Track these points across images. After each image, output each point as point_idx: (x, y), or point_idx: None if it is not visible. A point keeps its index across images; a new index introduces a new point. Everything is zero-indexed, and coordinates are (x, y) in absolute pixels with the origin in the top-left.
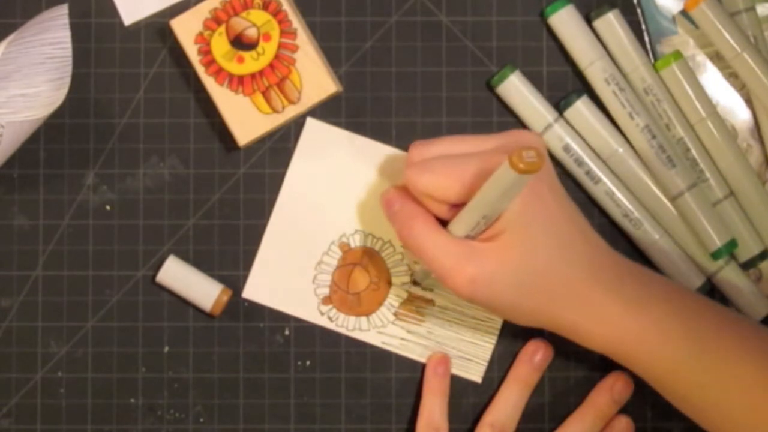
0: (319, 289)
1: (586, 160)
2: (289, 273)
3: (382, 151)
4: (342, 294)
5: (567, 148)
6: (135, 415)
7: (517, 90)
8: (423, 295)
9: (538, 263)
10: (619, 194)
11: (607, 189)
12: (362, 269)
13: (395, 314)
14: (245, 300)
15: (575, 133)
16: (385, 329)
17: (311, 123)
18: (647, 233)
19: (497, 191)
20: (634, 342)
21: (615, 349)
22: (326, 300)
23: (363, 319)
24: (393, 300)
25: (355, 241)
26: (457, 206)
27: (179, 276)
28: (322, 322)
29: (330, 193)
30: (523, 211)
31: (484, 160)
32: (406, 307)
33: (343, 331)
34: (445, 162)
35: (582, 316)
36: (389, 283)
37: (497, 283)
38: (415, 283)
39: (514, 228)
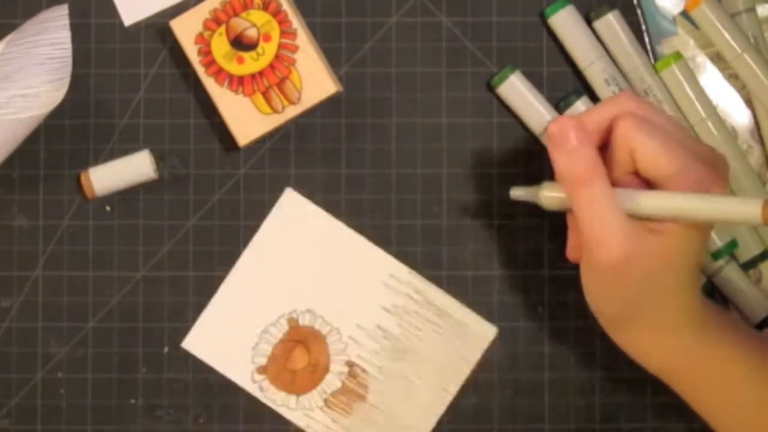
0: (257, 357)
1: None
2: (233, 334)
3: (355, 239)
4: (278, 368)
5: None
6: (135, 416)
7: (517, 90)
8: (356, 389)
9: (678, 280)
10: None
11: None
12: (304, 349)
13: (325, 401)
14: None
15: None
16: (312, 413)
17: (289, 194)
18: None
19: (726, 216)
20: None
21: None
22: (261, 370)
23: (293, 397)
24: (326, 386)
25: (305, 320)
26: (636, 177)
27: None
28: (253, 390)
29: (292, 266)
30: (694, 228)
31: (712, 170)
32: (337, 397)
33: (270, 404)
34: (677, 140)
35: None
36: (327, 369)
37: (635, 276)
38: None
39: (680, 239)
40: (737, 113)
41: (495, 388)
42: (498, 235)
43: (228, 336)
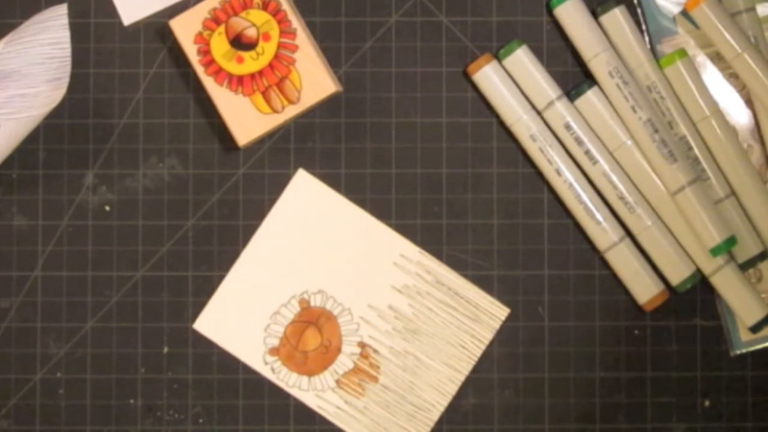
0: (269, 338)
1: (585, 140)
2: (244, 316)
3: (365, 220)
4: (290, 349)
5: (568, 126)
6: (134, 416)
7: (522, 65)
8: (368, 370)
9: None
10: (614, 176)
11: (604, 170)
12: (316, 329)
13: (337, 381)
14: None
15: (576, 112)
16: (324, 394)
17: (301, 174)
18: (641, 218)
19: None
20: None
21: None
22: (273, 351)
23: (304, 378)
24: (338, 367)
25: (316, 301)
26: None
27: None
28: (265, 372)
29: (303, 247)
30: None
31: None
32: (349, 378)
33: (282, 385)
34: None
35: None
36: (339, 350)
37: None
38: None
39: None
40: (737, 113)
41: (495, 388)
42: (498, 235)
43: (240, 317)
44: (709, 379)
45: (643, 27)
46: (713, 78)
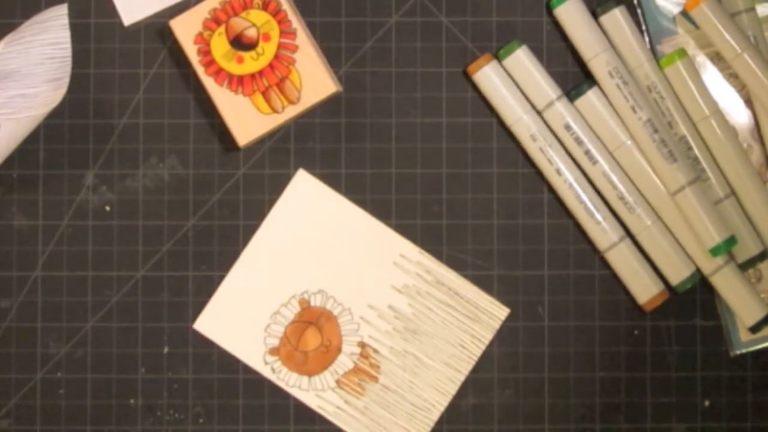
0: (269, 338)
1: (585, 140)
2: (244, 316)
3: (365, 220)
4: (290, 349)
5: (568, 126)
6: (134, 416)
7: (522, 65)
8: (368, 370)
9: None
10: (614, 176)
11: (604, 170)
12: (316, 329)
13: (337, 381)
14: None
15: (576, 112)
16: (324, 394)
17: (302, 174)
18: (640, 218)
19: None
20: None
21: None
22: (273, 351)
23: (305, 378)
24: (338, 367)
25: (316, 301)
26: None
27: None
28: (265, 372)
29: (304, 247)
30: None
31: None
32: (349, 378)
33: (282, 385)
34: None
35: None
36: (339, 350)
37: None
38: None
39: None
40: (737, 113)
41: (495, 388)
42: (498, 235)
43: (240, 317)
44: (709, 379)
45: (643, 27)
46: (713, 78)
